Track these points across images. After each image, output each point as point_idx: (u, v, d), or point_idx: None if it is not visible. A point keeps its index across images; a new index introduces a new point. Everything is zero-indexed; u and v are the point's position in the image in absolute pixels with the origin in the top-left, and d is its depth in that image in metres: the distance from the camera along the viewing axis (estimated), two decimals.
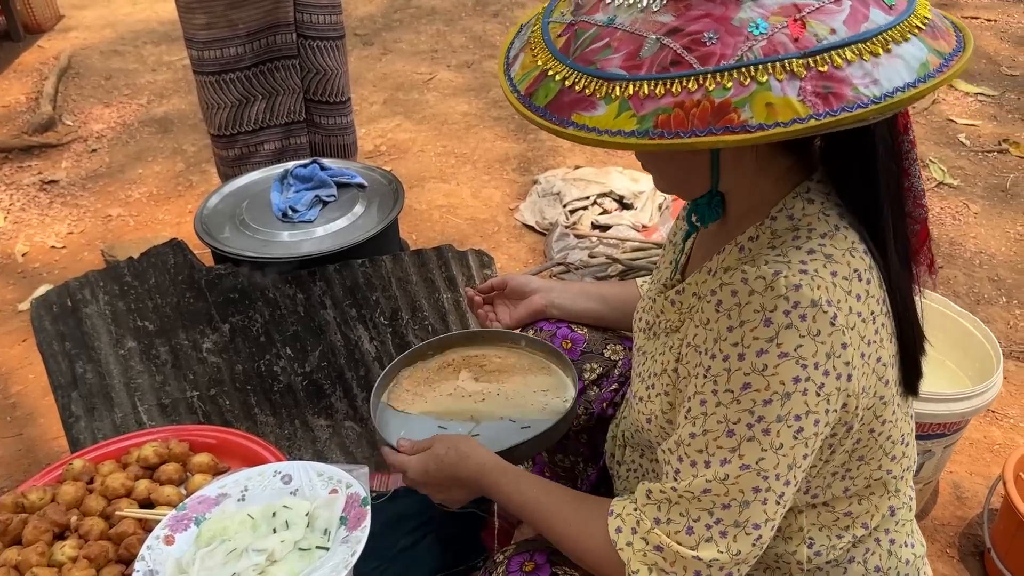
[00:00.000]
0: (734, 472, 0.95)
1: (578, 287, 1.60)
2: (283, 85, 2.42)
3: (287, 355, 1.77)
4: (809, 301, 0.89)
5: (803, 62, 0.78)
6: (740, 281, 0.92)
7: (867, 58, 0.79)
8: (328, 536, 1.01)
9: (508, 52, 1.00)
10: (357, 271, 1.82)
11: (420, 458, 1.21)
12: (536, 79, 0.90)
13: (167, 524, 1.05)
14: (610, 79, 0.84)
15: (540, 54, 0.92)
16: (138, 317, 1.76)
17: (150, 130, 3.86)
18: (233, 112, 2.39)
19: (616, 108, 0.82)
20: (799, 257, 0.93)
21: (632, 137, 0.81)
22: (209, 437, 1.54)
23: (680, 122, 0.80)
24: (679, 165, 1.02)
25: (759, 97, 0.78)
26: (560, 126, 0.86)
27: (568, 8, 0.93)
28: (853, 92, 0.78)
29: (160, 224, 3.15)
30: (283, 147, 2.49)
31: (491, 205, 3.24)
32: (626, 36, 0.85)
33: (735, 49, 0.79)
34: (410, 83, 4.28)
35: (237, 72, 2.35)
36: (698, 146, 0.79)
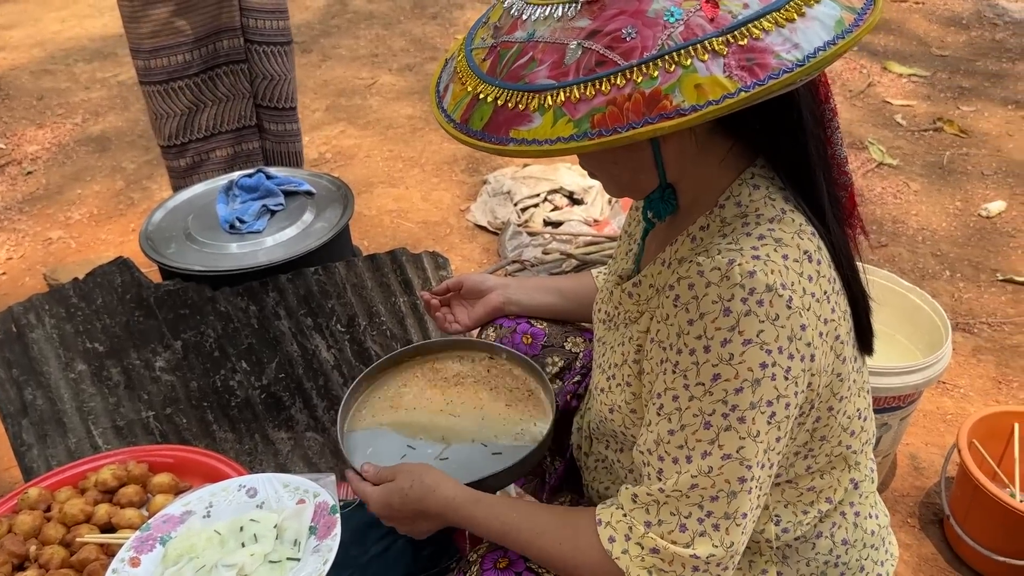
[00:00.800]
0: (717, 463, 0.95)
1: (534, 282, 1.60)
2: (232, 90, 2.39)
3: (243, 369, 1.74)
4: (764, 286, 0.91)
5: (723, 39, 0.80)
6: (696, 273, 0.93)
7: (784, 24, 0.81)
8: (298, 547, 0.99)
9: (438, 85, 1.00)
10: (310, 279, 1.80)
11: (382, 491, 1.17)
12: (469, 105, 0.90)
13: (132, 546, 1.02)
14: (541, 90, 0.85)
15: (469, 81, 0.92)
16: (87, 339, 1.71)
17: (87, 149, 3.76)
18: (183, 120, 2.37)
19: (552, 117, 0.83)
20: (750, 243, 0.94)
21: (572, 141, 0.82)
22: (168, 456, 1.51)
23: (616, 118, 0.81)
24: (624, 166, 1.03)
25: (687, 80, 0.79)
26: (500, 144, 0.87)
27: (488, 33, 0.94)
28: (776, 60, 0.80)
29: (103, 244, 3.07)
30: (235, 153, 2.47)
31: (442, 207, 3.23)
32: (548, 47, 0.86)
33: (655, 40, 0.81)
34: (352, 89, 4.24)
35: (186, 79, 2.32)
36: (638, 137, 0.80)
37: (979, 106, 3.92)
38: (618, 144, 0.81)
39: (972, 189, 3.30)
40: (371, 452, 1.29)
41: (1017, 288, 2.74)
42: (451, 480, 1.17)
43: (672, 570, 0.99)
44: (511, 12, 0.91)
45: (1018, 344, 2.48)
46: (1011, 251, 2.93)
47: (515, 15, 0.90)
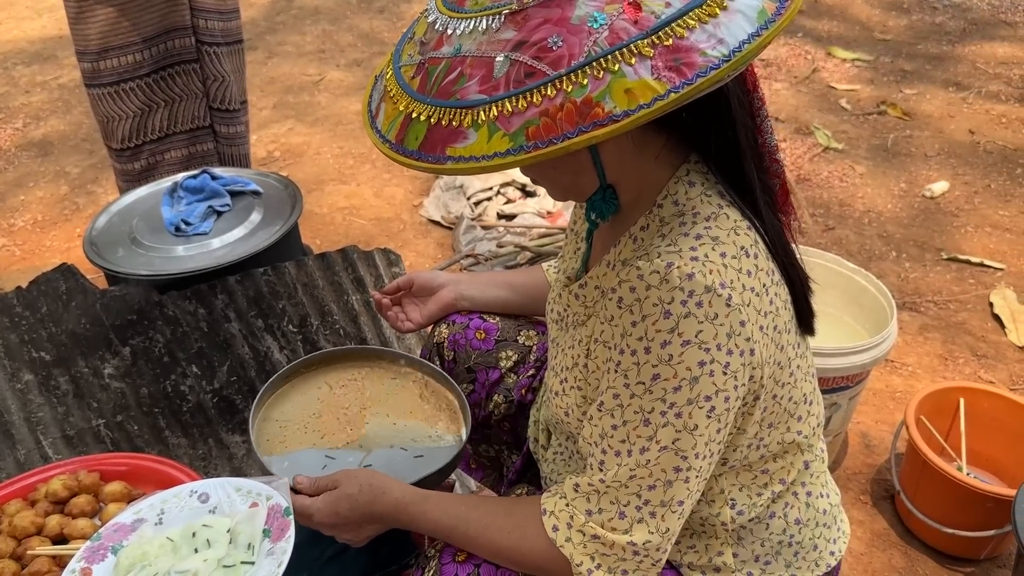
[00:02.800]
0: (654, 456, 0.98)
1: (486, 277, 1.60)
2: (185, 91, 2.35)
3: (194, 373, 1.72)
4: (703, 287, 0.92)
5: (648, 41, 0.80)
6: (636, 277, 0.95)
7: (707, 21, 0.81)
8: (252, 550, 0.98)
9: (370, 104, 0.99)
10: (260, 280, 1.78)
11: (328, 499, 1.15)
12: (403, 124, 0.90)
13: (82, 556, 1.00)
14: (472, 106, 0.84)
15: (400, 100, 0.91)
16: (33, 348, 1.68)
17: (29, 154, 3.67)
18: (136, 122, 2.31)
19: (486, 132, 0.83)
20: (688, 244, 0.96)
21: (509, 156, 0.82)
22: (120, 464, 1.49)
23: (550, 129, 0.81)
24: (563, 171, 1.03)
25: (616, 85, 0.80)
26: (437, 164, 0.86)
27: (415, 50, 0.93)
28: (703, 57, 0.80)
29: (48, 251, 3.01)
30: (190, 154, 2.42)
31: (395, 203, 3.22)
32: (476, 61, 0.85)
33: (581, 47, 0.81)
34: (299, 85, 4.20)
35: (136, 80, 2.27)
36: (574, 147, 0.80)
37: (921, 89, 4.01)
38: (555, 155, 0.81)
39: (916, 171, 3.37)
40: (288, 466, 1.27)
41: (961, 266, 2.81)
42: (397, 481, 1.17)
43: (613, 554, 1.02)
44: (436, 27, 0.90)
45: (963, 321, 2.55)
46: (955, 230, 3.01)
47: (440, 30, 0.89)
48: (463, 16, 0.87)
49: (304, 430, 1.35)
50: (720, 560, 1.16)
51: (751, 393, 1.02)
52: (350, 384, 1.45)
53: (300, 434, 1.35)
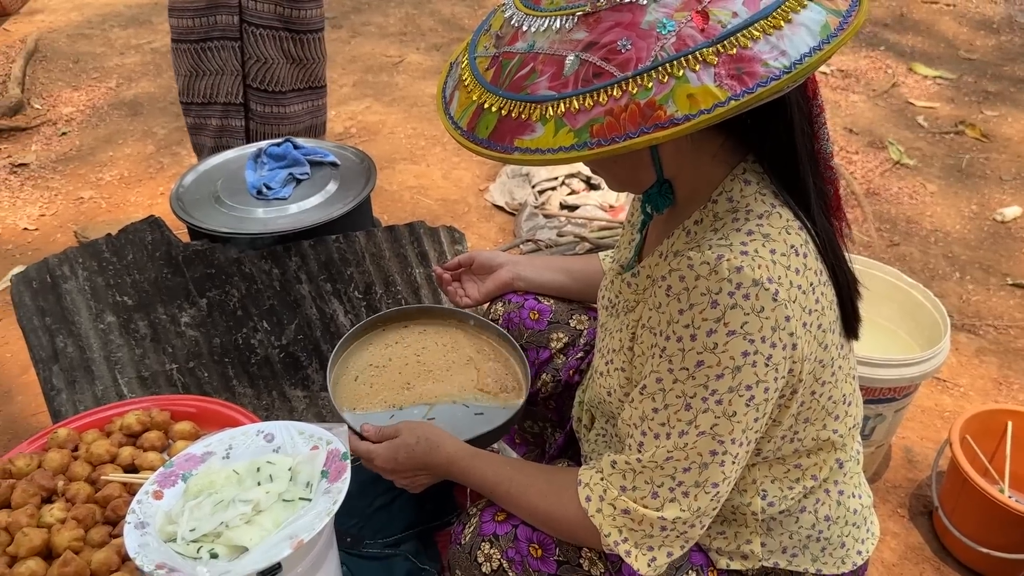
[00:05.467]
0: (692, 440, 1.02)
1: (543, 260, 1.66)
2: (223, 66, 2.43)
3: (264, 328, 1.82)
4: (751, 281, 0.96)
5: (713, 49, 0.84)
6: (687, 267, 0.99)
7: (771, 32, 0.85)
8: (310, 488, 1.06)
9: (444, 91, 1.04)
10: (331, 247, 1.87)
11: (388, 446, 1.25)
12: (475, 114, 0.95)
13: (155, 480, 1.10)
14: (542, 101, 0.89)
15: (474, 90, 0.96)
16: (117, 292, 1.80)
17: (120, 113, 3.85)
18: (186, 81, 2.45)
19: (553, 127, 0.87)
20: (739, 239, 0.99)
21: (573, 151, 0.86)
22: (190, 406, 1.59)
23: (613, 128, 0.85)
24: (623, 165, 1.08)
25: (680, 90, 0.83)
26: (505, 153, 0.91)
27: (491, 42, 0.98)
28: (764, 68, 0.84)
29: (132, 206, 3.16)
30: (222, 126, 2.52)
31: (461, 186, 3.29)
32: (548, 59, 0.90)
33: (649, 51, 0.85)
34: (379, 66, 4.31)
35: (187, 44, 2.39)
36: (635, 147, 0.85)
37: (1003, 111, 3.93)
38: (616, 153, 0.85)
39: (989, 193, 3.32)
40: (358, 417, 1.38)
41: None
42: (452, 437, 1.26)
43: (641, 529, 1.08)
44: (512, 22, 0.95)
45: (1022, 348, 2.52)
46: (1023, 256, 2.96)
47: (516, 25, 0.94)
48: (538, 14, 0.92)
49: (375, 382, 1.45)
50: (748, 548, 1.20)
51: (789, 386, 1.05)
52: (421, 340, 1.54)
53: (372, 386, 1.44)
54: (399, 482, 1.27)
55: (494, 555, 1.18)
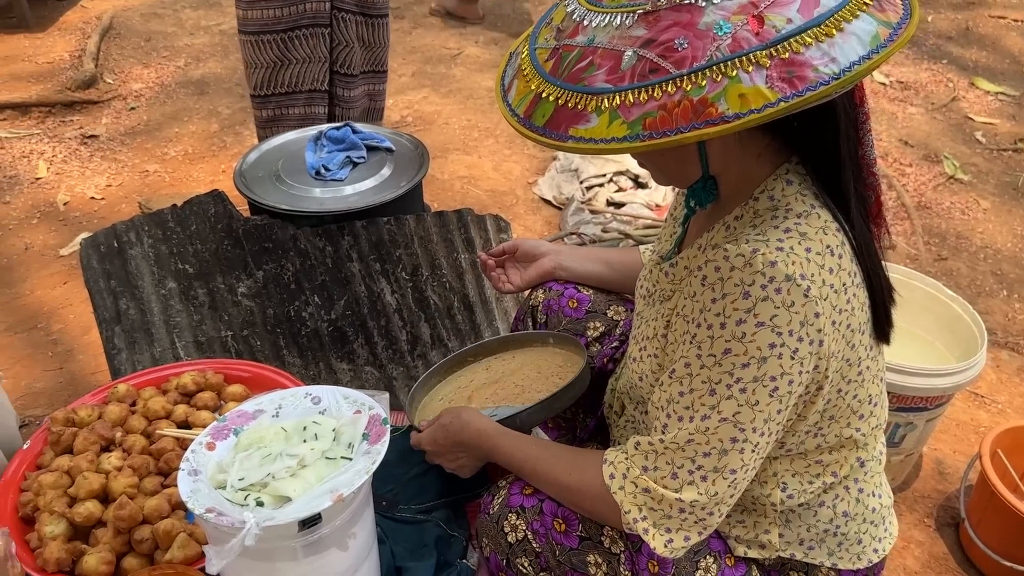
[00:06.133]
0: (714, 425, 1.06)
1: (584, 251, 1.71)
2: (311, 54, 2.48)
3: (315, 302, 1.91)
4: (784, 276, 0.99)
5: (766, 52, 0.88)
6: (722, 258, 1.03)
7: (823, 40, 0.88)
8: (352, 449, 1.14)
9: (503, 80, 1.09)
10: (382, 228, 1.95)
11: (430, 430, 1.35)
12: (532, 102, 0.99)
13: (209, 432, 1.18)
14: (598, 93, 0.93)
15: (533, 79, 1.01)
16: (179, 260, 1.90)
17: (187, 92, 3.99)
18: (269, 73, 2.47)
19: (607, 118, 0.92)
20: (776, 236, 1.03)
21: (625, 142, 0.91)
22: (242, 371, 1.68)
23: (665, 122, 0.89)
24: (671, 159, 1.12)
25: (732, 90, 0.87)
26: (560, 141, 0.95)
27: (551, 34, 1.03)
28: (814, 73, 0.88)
29: (194, 182, 3.28)
30: (305, 114, 2.58)
31: (511, 178, 3.35)
32: (606, 53, 0.94)
33: (704, 51, 0.89)
34: (438, 57, 4.38)
35: (274, 34, 2.42)
36: (685, 141, 0.89)
37: None
38: (667, 146, 0.90)
39: None
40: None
41: None
42: (484, 416, 1.33)
43: (660, 509, 1.12)
44: (573, 16, 0.99)
45: None
46: None
47: (577, 20, 0.98)
48: (600, 10, 0.96)
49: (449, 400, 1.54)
50: (766, 538, 1.23)
51: (815, 383, 1.09)
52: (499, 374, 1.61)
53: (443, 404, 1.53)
54: (447, 465, 1.36)
55: (520, 526, 1.24)
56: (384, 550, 1.28)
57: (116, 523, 1.32)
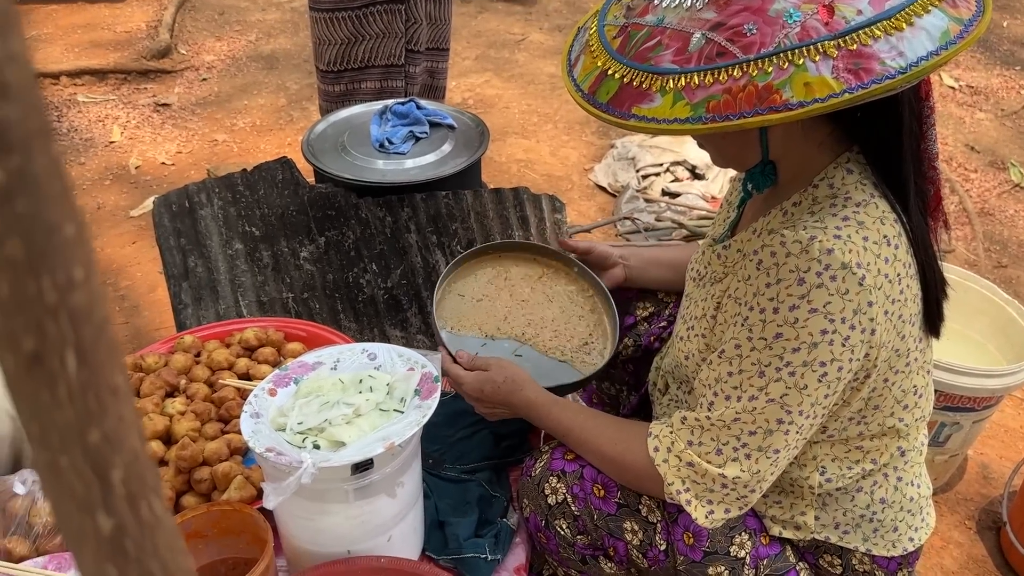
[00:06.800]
0: (761, 405, 1.08)
1: (649, 255, 1.67)
2: (387, 29, 2.53)
3: (372, 270, 1.97)
4: (840, 264, 1.00)
5: (834, 43, 0.89)
6: (779, 244, 1.03)
7: (892, 33, 0.89)
8: (404, 403, 1.19)
9: (569, 54, 1.11)
10: (441, 202, 2.00)
11: (478, 377, 1.36)
12: (597, 79, 1.02)
13: (271, 380, 1.24)
14: (664, 73, 0.95)
15: (599, 56, 1.03)
16: (246, 223, 1.97)
17: (257, 66, 4.10)
18: (342, 49, 2.53)
19: (671, 99, 0.94)
20: (834, 224, 1.03)
21: (688, 123, 0.93)
22: (301, 330, 1.75)
23: (729, 106, 0.91)
24: (732, 142, 1.13)
25: (798, 78, 0.89)
26: (622, 119, 0.98)
27: (620, 12, 1.05)
28: (881, 66, 0.89)
29: (261, 153, 3.38)
30: (381, 88, 2.65)
31: (567, 164, 3.39)
32: (675, 34, 0.96)
33: (773, 37, 0.90)
34: (502, 42, 4.43)
35: (348, 11, 2.48)
36: (747, 126, 0.91)
37: None
38: (728, 130, 0.92)
39: None
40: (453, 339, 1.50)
41: None
42: (534, 382, 1.36)
43: (703, 483, 1.15)
44: None
45: None
46: None
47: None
48: None
49: (475, 309, 1.56)
50: (802, 519, 1.25)
51: (864, 370, 1.10)
52: (526, 276, 1.63)
53: (471, 312, 1.55)
54: (479, 410, 1.38)
55: (560, 489, 1.29)
56: (429, 504, 1.33)
57: (178, 463, 1.39)
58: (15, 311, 0.26)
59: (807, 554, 1.30)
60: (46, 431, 0.28)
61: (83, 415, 0.28)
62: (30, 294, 0.26)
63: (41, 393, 0.27)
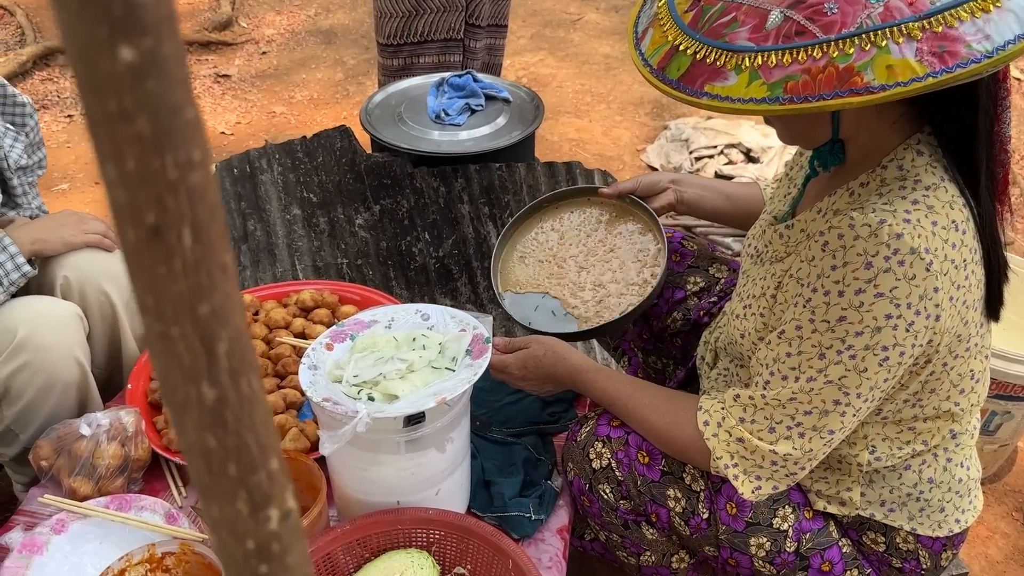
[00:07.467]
0: (819, 386, 1.07)
1: (705, 182, 1.63)
2: (448, 3, 2.55)
3: (425, 239, 2.00)
4: (909, 249, 0.99)
5: (919, 24, 0.86)
6: (847, 226, 1.01)
7: (979, 15, 0.86)
8: (455, 362, 1.22)
9: (636, 27, 1.09)
10: (494, 173, 2.02)
11: (520, 356, 1.37)
12: (667, 54, 0.99)
13: (328, 335, 1.28)
14: (739, 51, 0.93)
15: (669, 30, 1.00)
16: (304, 189, 2.02)
17: (315, 40, 4.15)
18: (402, 22, 2.55)
19: (747, 77, 0.92)
20: (904, 207, 1.01)
21: (764, 104, 0.91)
22: (355, 294, 1.79)
23: (808, 87, 0.89)
24: (802, 119, 1.10)
25: (880, 60, 0.87)
26: (694, 96, 0.96)
27: None
28: (967, 49, 0.86)
29: (317, 126, 3.43)
30: (439, 62, 2.66)
31: (619, 144, 3.38)
32: (751, 10, 0.93)
33: (855, 17, 0.88)
34: (558, 21, 4.42)
35: None
36: (826, 108, 0.89)
37: None
38: (806, 112, 0.90)
39: None
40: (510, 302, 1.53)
41: None
42: (577, 351, 1.37)
43: (752, 459, 1.15)
44: None
45: None
46: None
47: None
48: None
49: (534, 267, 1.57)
50: (848, 495, 1.24)
51: (924, 355, 1.08)
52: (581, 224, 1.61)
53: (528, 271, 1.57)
54: (527, 389, 1.40)
55: (605, 453, 1.30)
56: (475, 464, 1.36)
57: None
58: (139, 185, 0.28)
59: (850, 531, 1.29)
60: (160, 303, 0.30)
61: (195, 289, 0.30)
62: (154, 169, 0.28)
63: (158, 266, 0.29)
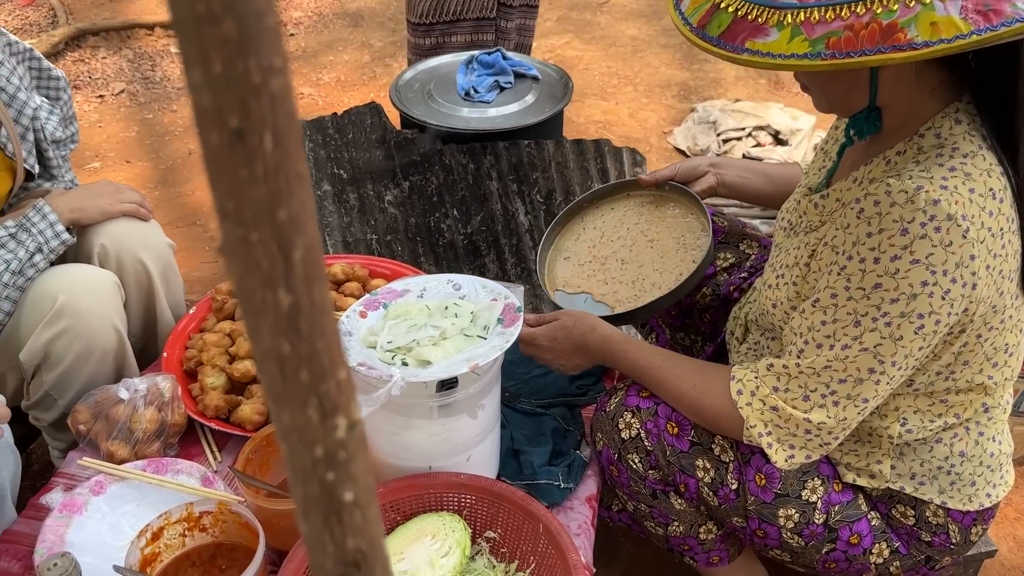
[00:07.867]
0: (854, 354, 1.07)
1: (745, 163, 1.64)
2: None
3: (453, 216, 2.01)
4: (946, 215, 0.98)
5: None
6: (884, 193, 1.01)
7: None
8: (487, 330, 1.23)
9: None
10: (523, 150, 2.03)
11: (548, 328, 1.38)
12: (708, 11, 1.00)
13: (362, 303, 1.30)
14: (781, 7, 0.93)
15: None
16: (335, 165, 2.04)
17: (343, 23, 4.17)
18: (435, 2, 2.58)
19: (788, 34, 0.92)
20: (940, 174, 1.01)
21: (805, 59, 0.91)
22: (385, 268, 1.80)
23: (850, 43, 0.89)
24: (839, 83, 1.10)
25: (924, 17, 0.87)
26: (734, 53, 0.96)
27: None
28: (1012, 8, 0.86)
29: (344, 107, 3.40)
30: (471, 41, 2.65)
31: (646, 127, 3.37)
32: None
33: None
34: (584, 3, 4.40)
35: None
36: (867, 64, 0.89)
37: None
38: (847, 68, 0.90)
39: None
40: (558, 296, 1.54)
41: None
42: (606, 323, 1.37)
43: (786, 427, 1.15)
44: None
45: None
46: None
47: None
48: None
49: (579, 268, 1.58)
50: (877, 468, 1.25)
51: (960, 324, 1.08)
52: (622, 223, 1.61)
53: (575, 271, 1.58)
54: (557, 363, 1.39)
55: (634, 424, 1.31)
56: (505, 434, 1.38)
57: None
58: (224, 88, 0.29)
59: (879, 504, 1.30)
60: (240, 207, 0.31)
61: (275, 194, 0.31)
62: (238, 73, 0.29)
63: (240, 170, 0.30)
